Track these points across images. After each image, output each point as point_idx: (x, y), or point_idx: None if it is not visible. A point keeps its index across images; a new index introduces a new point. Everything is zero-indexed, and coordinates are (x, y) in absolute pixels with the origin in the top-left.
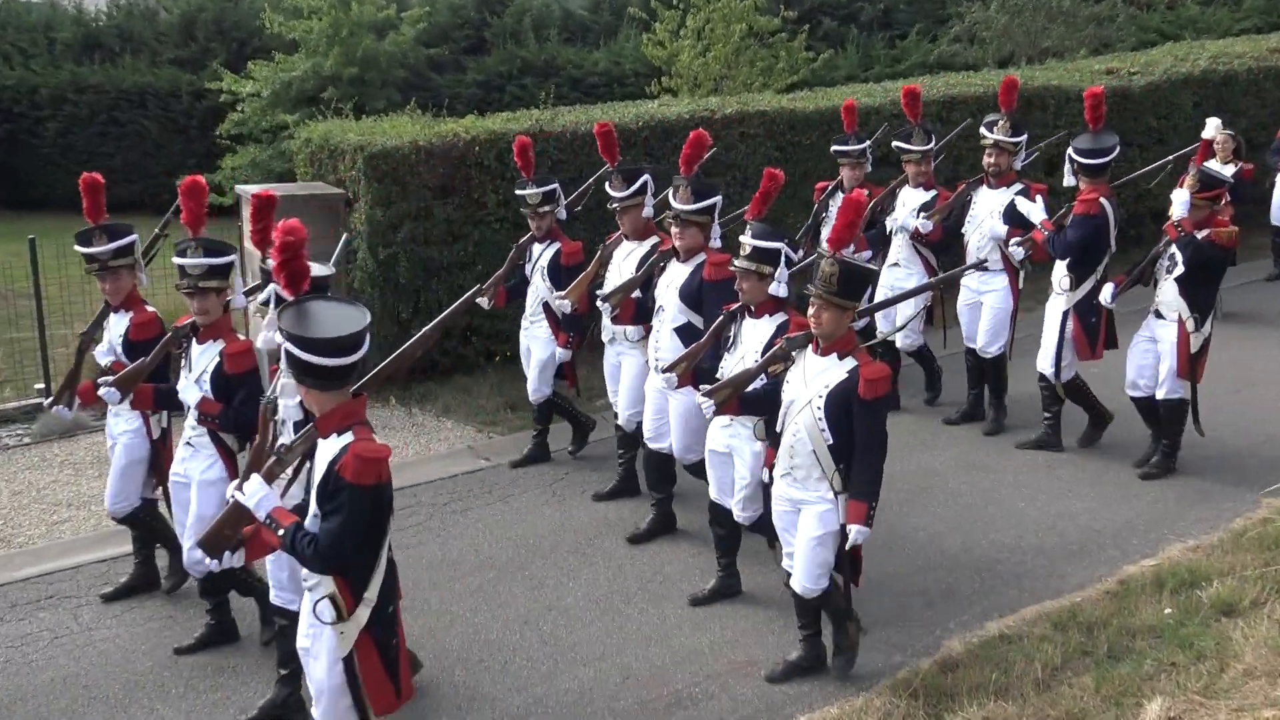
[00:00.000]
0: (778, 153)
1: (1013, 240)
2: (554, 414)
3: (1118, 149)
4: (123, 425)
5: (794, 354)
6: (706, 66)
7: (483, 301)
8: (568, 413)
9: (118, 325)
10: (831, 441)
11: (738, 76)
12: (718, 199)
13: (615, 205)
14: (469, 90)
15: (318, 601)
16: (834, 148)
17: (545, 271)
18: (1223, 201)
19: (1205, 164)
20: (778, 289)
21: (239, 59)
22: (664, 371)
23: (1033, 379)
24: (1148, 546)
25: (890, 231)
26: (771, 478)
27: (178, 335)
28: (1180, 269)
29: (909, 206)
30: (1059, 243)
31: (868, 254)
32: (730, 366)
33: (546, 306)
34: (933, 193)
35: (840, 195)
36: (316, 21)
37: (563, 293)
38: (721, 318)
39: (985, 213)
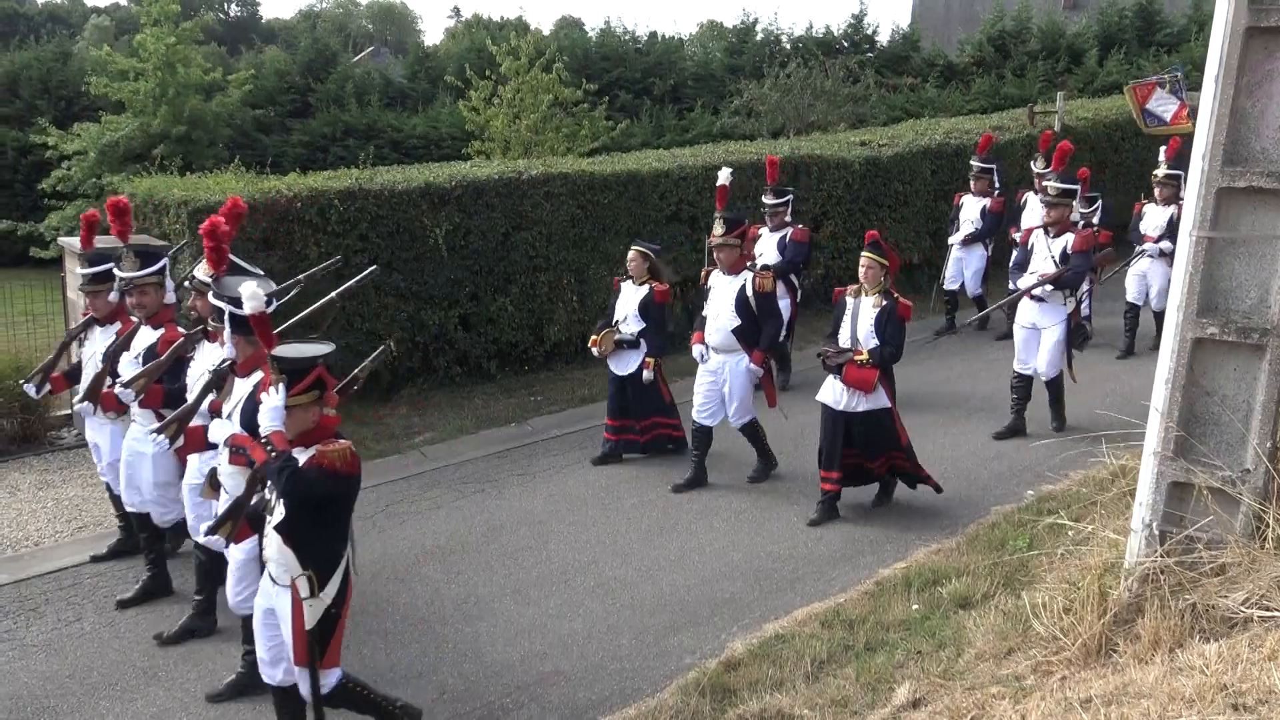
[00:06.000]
0: (579, 210)
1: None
2: None
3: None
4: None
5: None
6: (518, 133)
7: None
8: None
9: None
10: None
11: (545, 142)
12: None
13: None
14: (295, 150)
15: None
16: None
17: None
18: None
19: None
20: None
21: (66, 117)
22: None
23: None
24: (899, 551)
25: None
26: None
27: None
28: None
29: None
30: None
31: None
32: None
33: None
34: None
35: None
36: (143, 83)
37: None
38: None
39: None
